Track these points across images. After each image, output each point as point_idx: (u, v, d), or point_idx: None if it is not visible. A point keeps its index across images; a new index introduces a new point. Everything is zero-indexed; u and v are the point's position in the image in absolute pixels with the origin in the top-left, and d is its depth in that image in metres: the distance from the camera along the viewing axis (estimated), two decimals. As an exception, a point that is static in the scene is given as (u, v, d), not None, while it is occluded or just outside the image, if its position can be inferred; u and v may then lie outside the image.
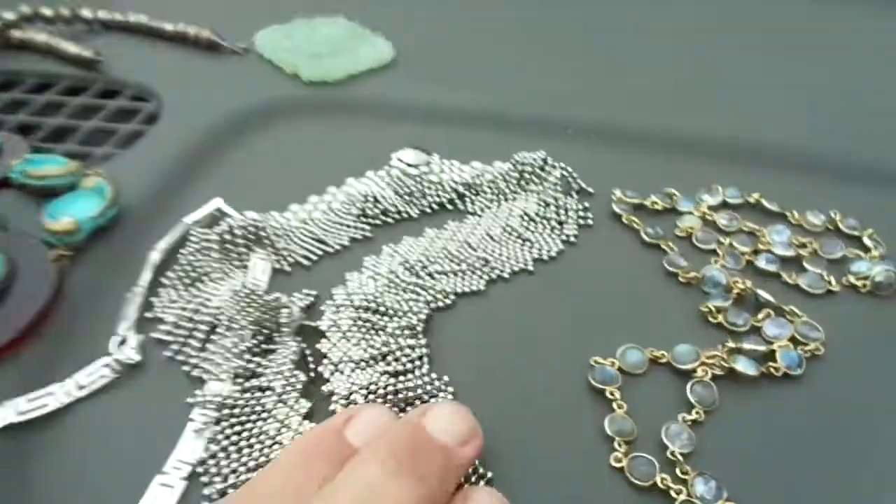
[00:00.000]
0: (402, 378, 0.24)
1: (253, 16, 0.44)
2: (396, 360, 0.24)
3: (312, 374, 0.24)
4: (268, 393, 0.23)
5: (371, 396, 0.23)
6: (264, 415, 0.23)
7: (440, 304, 0.27)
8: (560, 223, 0.31)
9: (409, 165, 0.33)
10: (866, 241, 0.30)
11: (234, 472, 0.21)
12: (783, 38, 0.45)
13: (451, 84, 0.39)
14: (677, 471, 0.22)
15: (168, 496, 0.20)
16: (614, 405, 0.24)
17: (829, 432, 0.23)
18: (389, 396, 0.23)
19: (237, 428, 0.22)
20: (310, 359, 0.24)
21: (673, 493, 0.21)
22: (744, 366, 0.24)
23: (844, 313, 0.27)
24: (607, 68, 0.41)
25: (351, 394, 0.23)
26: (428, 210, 0.31)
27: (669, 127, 0.36)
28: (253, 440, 0.22)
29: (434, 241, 0.29)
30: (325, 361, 0.24)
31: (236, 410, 0.23)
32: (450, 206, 0.32)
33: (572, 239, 0.30)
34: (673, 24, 0.47)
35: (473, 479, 0.21)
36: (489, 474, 0.21)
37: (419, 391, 0.23)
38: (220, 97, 0.37)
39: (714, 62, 0.42)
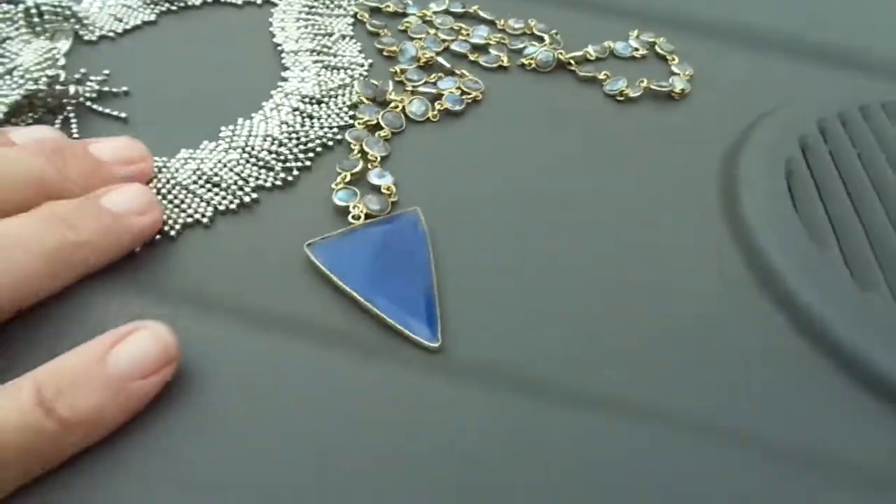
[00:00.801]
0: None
1: None
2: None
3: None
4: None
5: None
6: None
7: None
8: (330, 6, 0.37)
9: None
10: (546, 38, 0.37)
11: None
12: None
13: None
14: (370, 164, 0.29)
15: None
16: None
17: (483, 158, 0.30)
18: None
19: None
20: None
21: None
22: (415, 105, 0.31)
23: (509, 81, 0.34)
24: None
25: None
26: (209, 0, 0.37)
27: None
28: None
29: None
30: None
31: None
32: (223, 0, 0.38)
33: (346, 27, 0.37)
34: None
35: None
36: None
37: None
38: None
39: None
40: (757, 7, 0.41)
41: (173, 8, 0.37)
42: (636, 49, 0.37)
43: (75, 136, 0.29)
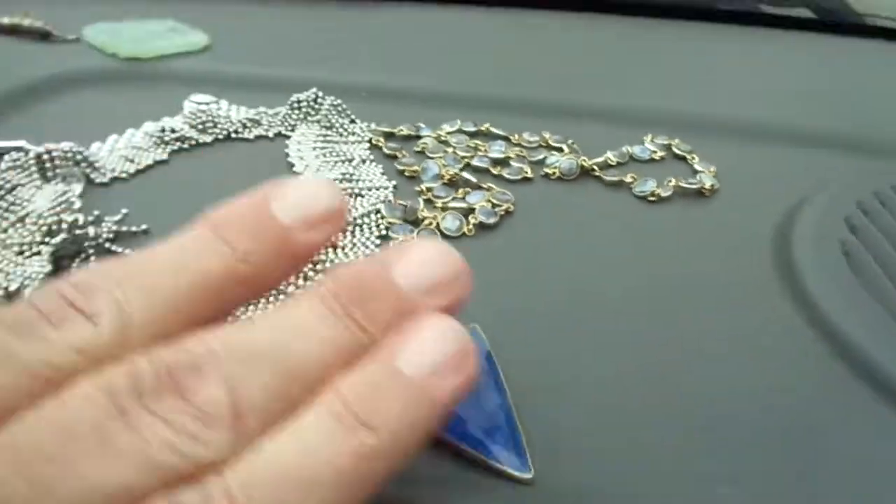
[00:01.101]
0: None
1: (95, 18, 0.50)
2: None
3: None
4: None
5: None
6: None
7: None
8: (345, 134, 0.37)
9: (200, 103, 0.38)
10: (564, 147, 0.37)
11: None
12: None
13: (252, 62, 0.45)
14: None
15: None
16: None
17: (527, 268, 0.29)
18: None
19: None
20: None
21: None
22: (449, 221, 0.30)
23: (536, 191, 0.34)
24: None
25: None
26: (220, 137, 0.37)
27: (429, 86, 0.43)
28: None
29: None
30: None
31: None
32: (235, 135, 0.37)
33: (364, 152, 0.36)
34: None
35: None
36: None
37: None
38: (39, 65, 0.42)
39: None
40: (762, 102, 0.42)
41: (185, 146, 0.36)
42: (654, 151, 0.37)
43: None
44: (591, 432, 0.22)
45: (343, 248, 0.29)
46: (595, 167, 0.35)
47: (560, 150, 0.37)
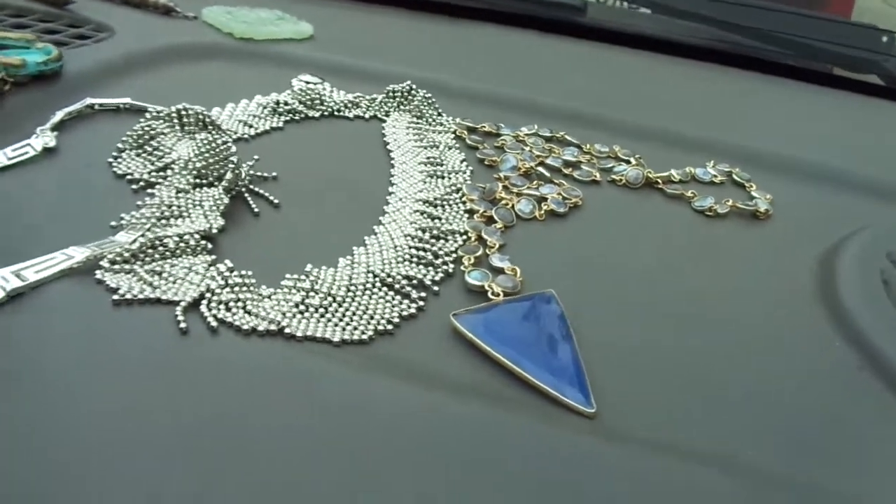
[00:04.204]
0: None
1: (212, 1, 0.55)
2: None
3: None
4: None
5: None
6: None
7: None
8: (433, 124, 0.41)
9: (308, 83, 0.42)
10: (632, 160, 0.40)
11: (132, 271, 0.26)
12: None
13: (349, 54, 0.50)
14: (489, 250, 0.31)
15: (63, 261, 0.25)
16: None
17: (590, 253, 0.32)
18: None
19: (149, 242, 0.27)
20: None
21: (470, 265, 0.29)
22: (524, 204, 0.34)
23: (603, 193, 0.37)
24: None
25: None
26: (325, 114, 0.41)
27: (507, 95, 0.47)
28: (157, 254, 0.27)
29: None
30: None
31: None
32: (337, 114, 0.41)
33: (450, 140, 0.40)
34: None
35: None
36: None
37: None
38: (164, 36, 0.47)
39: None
40: (824, 149, 0.45)
41: (296, 118, 0.40)
42: (715, 175, 0.40)
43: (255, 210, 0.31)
44: (641, 381, 0.25)
45: (438, 219, 0.32)
46: (659, 180, 0.38)
47: (628, 161, 0.40)
